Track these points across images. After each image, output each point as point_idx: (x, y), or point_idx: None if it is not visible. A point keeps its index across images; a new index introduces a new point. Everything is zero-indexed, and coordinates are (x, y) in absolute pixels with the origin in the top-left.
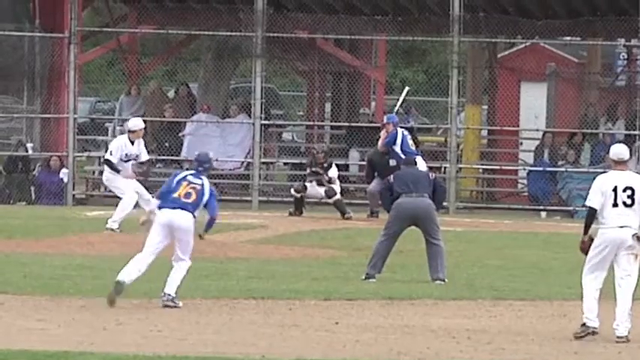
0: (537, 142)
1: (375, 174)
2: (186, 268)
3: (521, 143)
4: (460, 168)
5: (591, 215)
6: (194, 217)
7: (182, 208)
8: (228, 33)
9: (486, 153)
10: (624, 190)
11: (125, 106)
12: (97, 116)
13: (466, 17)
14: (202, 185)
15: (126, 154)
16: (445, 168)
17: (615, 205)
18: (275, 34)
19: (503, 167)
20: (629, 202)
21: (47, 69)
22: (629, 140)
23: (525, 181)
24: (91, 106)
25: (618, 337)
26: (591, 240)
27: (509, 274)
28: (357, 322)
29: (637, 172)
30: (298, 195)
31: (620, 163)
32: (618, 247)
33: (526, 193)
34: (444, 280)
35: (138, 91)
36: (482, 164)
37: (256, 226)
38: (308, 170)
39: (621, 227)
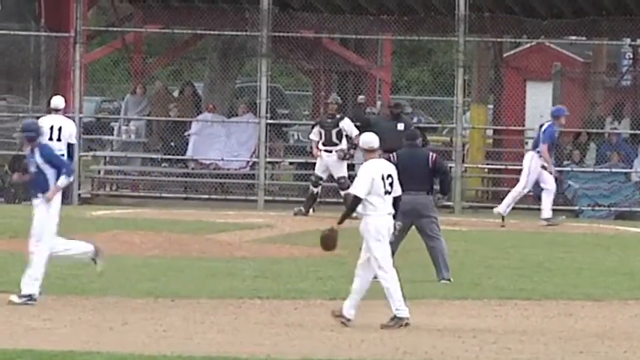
0: None
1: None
2: None
3: (527, 143)
4: (466, 167)
5: (356, 204)
6: None
7: None
8: (234, 32)
9: (492, 152)
10: (387, 178)
11: (130, 105)
12: (102, 116)
13: (472, 17)
14: None
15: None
16: (451, 167)
17: (387, 192)
18: (281, 34)
19: (509, 167)
20: (389, 189)
21: (53, 68)
22: (635, 140)
23: None
24: (97, 105)
25: (406, 318)
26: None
27: (514, 274)
28: (363, 322)
29: None
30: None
31: (371, 152)
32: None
33: (531, 193)
34: (449, 280)
35: (143, 90)
36: (488, 164)
37: (262, 226)
38: (316, 129)
39: (389, 214)
